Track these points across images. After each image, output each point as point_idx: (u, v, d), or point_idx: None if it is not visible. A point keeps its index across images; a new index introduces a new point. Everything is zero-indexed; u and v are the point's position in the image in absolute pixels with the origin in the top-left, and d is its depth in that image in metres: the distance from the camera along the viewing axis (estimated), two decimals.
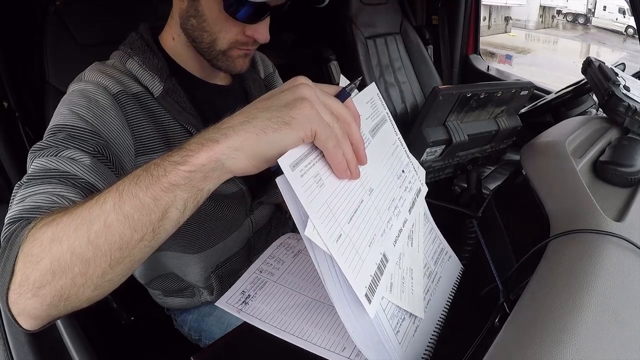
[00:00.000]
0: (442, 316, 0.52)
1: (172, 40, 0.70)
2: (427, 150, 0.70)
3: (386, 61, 1.84)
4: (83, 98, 0.59)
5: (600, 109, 1.13)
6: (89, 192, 0.48)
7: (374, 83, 0.53)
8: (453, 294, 0.57)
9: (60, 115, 0.57)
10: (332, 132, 0.37)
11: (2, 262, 0.40)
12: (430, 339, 0.48)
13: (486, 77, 2.04)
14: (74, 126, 0.55)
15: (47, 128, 0.57)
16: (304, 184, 0.35)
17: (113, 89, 0.62)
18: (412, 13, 1.99)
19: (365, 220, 0.40)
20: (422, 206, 0.53)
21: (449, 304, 0.55)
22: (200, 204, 0.38)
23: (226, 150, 0.35)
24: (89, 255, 0.37)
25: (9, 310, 0.40)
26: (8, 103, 0.93)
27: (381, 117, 0.51)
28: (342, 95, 0.40)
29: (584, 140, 0.76)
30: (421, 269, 0.49)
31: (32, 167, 0.50)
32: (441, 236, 0.61)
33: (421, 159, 0.72)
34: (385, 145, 0.50)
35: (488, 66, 2.09)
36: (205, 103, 0.71)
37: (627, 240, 0.49)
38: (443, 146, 0.72)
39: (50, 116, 0.84)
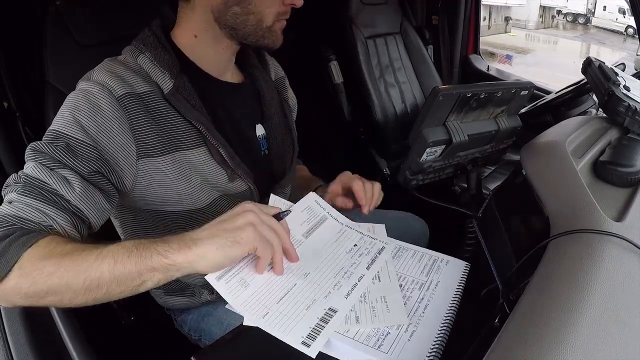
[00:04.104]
0: (448, 315, 0.53)
1: (194, 37, 0.71)
2: (427, 150, 0.70)
3: (386, 61, 1.84)
4: (87, 103, 0.61)
5: (600, 109, 1.12)
6: (76, 216, 0.57)
7: (312, 192, 0.71)
8: (459, 292, 0.58)
9: (63, 120, 0.60)
10: (268, 246, 0.51)
11: (0, 260, 0.50)
12: (436, 338, 0.49)
13: (486, 77, 2.04)
14: (74, 137, 0.59)
15: (49, 128, 0.60)
16: (229, 288, 0.50)
17: (119, 92, 0.63)
18: (412, 13, 1.99)
19: (300, 295, 0.53)
20: (388, 254, 0.64)
21: (455, 301, 0.56)
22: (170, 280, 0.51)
23: (195, 257, 0.49)
24: (81, 292, 0.49)
25: None
26: (8, 103, 0.93)
27: (319, 219, 0.67)
28: (279, 217, 0.57)
29: (584, 140, 0.76)
30: (397, 292, 0.57)
31: (29, 168, 0.56)
32: (429, 251, 0.67)
33: (421, 159, 0.72)
34: (326, 237, 0.65)
35: (488, 66, 2.08)
36: (215, 100, 0.73)
37: (627, 240, 0.49)
38: (443, 146, 0.72)
39: (50, 116, 0.84)
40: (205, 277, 0.50)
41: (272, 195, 0.67)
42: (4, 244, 0.50)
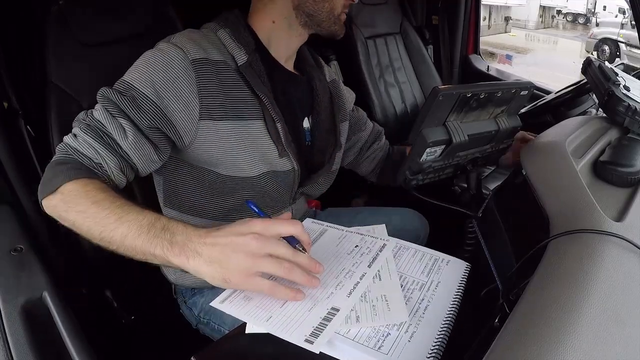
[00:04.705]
0: (449, 316, 0.54)
1: (272, 23, 0.78)
2: (427, 150, 0.70)
3: (386, 61, 1.84)
4: (161, 61, 0.68)
5: (600, 109, 1.12)
6: (124, 160, 0.66)
7: (307, 218, 0.76)
8: (460, 293, 0.58)
9: (137, 73, 0.68)
10: (265, 282, 0.52)
11: (52, 180, 0.61)
12: (436, 339, 0.50)
13: (486, 77, 2.04)
14: (141, 92, 0.66)
15: (122, 77, 0.68)
16: (233, 306, 0.53)
17: (194, 55, 0.69)
18: (412, 13, 1.99)
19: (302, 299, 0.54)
20: (389, 252, 0.65)
21: (455, 302, 0.56)
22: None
23: (190, 268, 0.53)
24: (96, 239, 0.58)
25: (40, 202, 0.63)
26: (9, 103, 0.93)
27: (318, 233, 0.71)
28: (292, 242, 0.55)
29: (584, 140, 0.76)
30: (398, 290, 0.57)
31: (97, 111, 0.66)
32: (430, 250, 0.67)
33: (421, 159, 0.72)
34: (327, 245, 0.67)
35: (488, 66, 2.08)
36: (278, 84, 0.79)
37: (627, 240, 0.49)
38: (443, 146, 0.72)
39: (52, 116, 0.84)
40: (210, 304, 0.55)
41: (307, 219, 0.75)
42: (59, 169, 0.61)
